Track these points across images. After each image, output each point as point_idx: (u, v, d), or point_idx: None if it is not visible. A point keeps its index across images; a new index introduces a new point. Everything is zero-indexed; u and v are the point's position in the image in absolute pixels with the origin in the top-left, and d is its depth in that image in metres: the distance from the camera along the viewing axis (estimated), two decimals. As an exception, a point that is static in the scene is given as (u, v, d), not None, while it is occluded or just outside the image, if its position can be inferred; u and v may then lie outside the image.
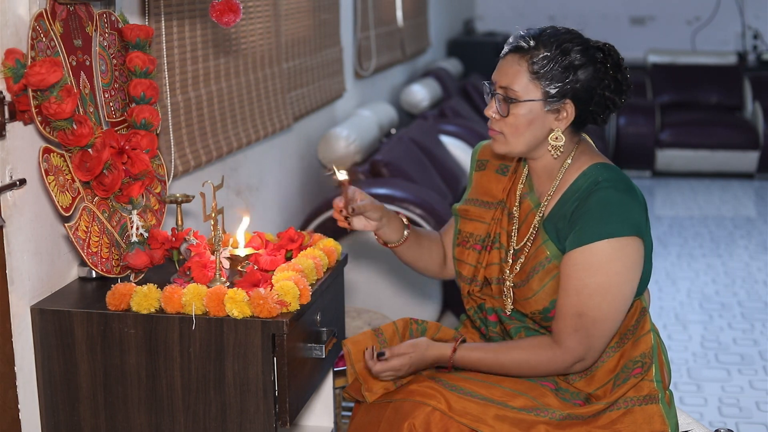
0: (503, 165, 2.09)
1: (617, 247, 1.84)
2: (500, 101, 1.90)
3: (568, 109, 1.89)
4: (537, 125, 1.90)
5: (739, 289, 4.65)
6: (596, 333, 1.86)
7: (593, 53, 1.89)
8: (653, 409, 1.89)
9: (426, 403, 1.86)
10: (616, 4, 8.06)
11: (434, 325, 2.16)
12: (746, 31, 7.81)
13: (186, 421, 1.84)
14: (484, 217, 2.08)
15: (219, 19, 2.03)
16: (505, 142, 1.93)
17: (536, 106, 1.88)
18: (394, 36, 5.49)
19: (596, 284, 1.84)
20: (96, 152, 1.92)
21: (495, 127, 1.93)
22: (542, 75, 1.87)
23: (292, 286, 1.82)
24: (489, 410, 1.84)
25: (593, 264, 1.84)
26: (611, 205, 1.85)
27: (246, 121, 3.14)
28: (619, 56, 1.92)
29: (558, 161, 1.95)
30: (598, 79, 1.89)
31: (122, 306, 1.83)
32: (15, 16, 1.81)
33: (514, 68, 1.89)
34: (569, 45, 1.88)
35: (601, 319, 1.85)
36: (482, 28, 8.32)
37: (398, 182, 3.85)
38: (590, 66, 1.88)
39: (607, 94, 1.90)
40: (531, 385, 1.92)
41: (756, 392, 3.51)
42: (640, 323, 1.96)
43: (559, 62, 1.86)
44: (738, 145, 6.87)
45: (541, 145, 1.93)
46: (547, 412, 1.85)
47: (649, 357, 1.93)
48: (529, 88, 1.88)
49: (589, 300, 1.84)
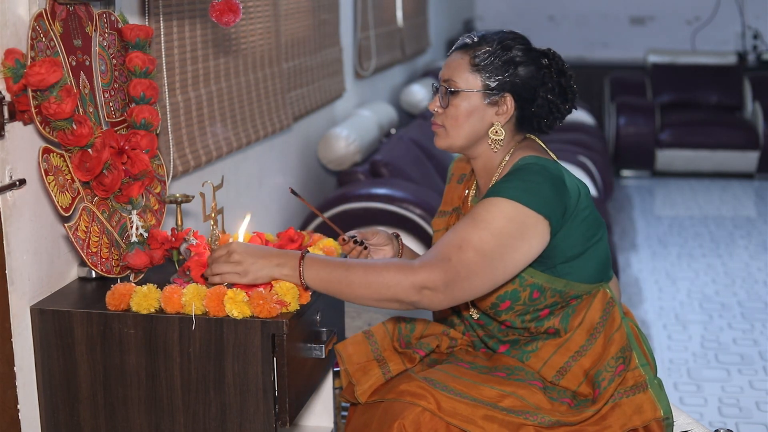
0: (463, 174, 2.14)
1: (518, 211, 1.81)
2: (442, 93, 1.96)
3: (508, 103, 1.93)
4: (476, 117, 1.93)
5: (739, 289, 4.65)
6: (461, 272, 1.79)
7: (536, 56, 1.95)
8: (641, 398, 1.90)
9: (416, 404, 1.86)
10: (616, 4, 8.06)
11: (423, 321, 2.18)
12: (746, 31, 7.81)
13: (186, 421, 1.84)
14: (442, 225, 2.14)
15: (219, 19, 2.03)
16: (446, 135, 1.97)
17: (476, 97, 1.92)
18: (394, 36, 5.49)
19: (488, 230, 1.80)
20: (96, 152, 1.92)
21: (437, 120, 1.98)
22: (482, 67, 1.92)
23: (292, 286, 1.82)
24: (478, 411, 1.85)
25: (492, 213, 1.81)
26: (526, 177, 1.85)
27: (246, 121, 3.14)
28: (563, 63, 1.97)
29: (497, 156, 1.97)
30: (540, 80, 1.93)
31: (122, 306, 1.83)
32: (15, 16, 1.81)
33: (456, 62, 1.95)
34: (511, 42, 1.94)
35: (473, 263, 1.79)
36: (482, 28, 8.32)
37: (398, 182, 3.85)
38: (531, 65, 1.93)
39: (550, 97, 1.94)
40: (520, 385, 1.92)
41: (756, 392, 3.51)
42: (610, 316, 1.95)
43: (499, 56, 1.92)
44: (738, 145, 6.87)
45: (482, 141, 1.96)
46: (536, 416, 1.85)
47: (628, 349, 1.93)
48: (470, 80, 1.93)
49: (475, 239, 1.80)
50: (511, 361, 2.01)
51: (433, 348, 2.08)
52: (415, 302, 1.80)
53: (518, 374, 1.96)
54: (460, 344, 2.13)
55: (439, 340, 2.10)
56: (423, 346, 2.08)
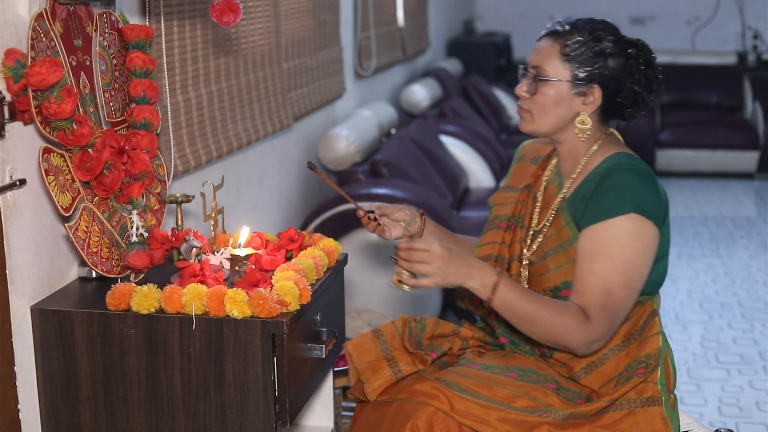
0: (537, 156, 2.14)
1: (638, 227, 1.86)
2: (530, 80, 1.97)
3: (596, 94, 1.95)
4: (563, 106, 1.95)
5: (739, 289, 4.65)
6: (618, 314, 1.86)
7: (625, 46, 1.96)
8: (656, 411, 1.90)
9: (429, 404, 1.86)
10: (616, 4, 8.06)
11: (433, 320, 2.16)
12: (746, 31, 7.81)
13: (186, 421, 1.84)
14: (509, 200, 2.12)
15: (219, 19, 2.03)
16: (532, 120, 1.98)
17: (564, 86, 1.94)
18: (394, 36, 5.49)
19: (623, 262, 1.84)
20: (96, 152, 1.92)
21: (523, 105, 1.99)
22: (572, 57, 1.93)
23: (292, 286, 1.82)
24: (492, 412, 1.85)
25: (619, 239, 1.85)
26: (635, 185, 1.88)
27: (246, 121, 3.14)
28: (651, 53, 1.98)
29: (584, 145, 1.99)
30: (627, 71, 1.95)
31: (122, 306, 1.83)
32: (15, 16, 1.81)
33: (546, 49, 1.96)
34: (602, 33, 1.95)
35: (625, 299, 1.86)
36: (482, 28, 8.32)
37: (398, 182, 3.85)
38: (621, 57, 1.94)
39: (636, 88, 1.96)
40: (533, 386, 1.92)
41: (756, 392, 3.51)
42: (649, 324, 1.96)
43: (590, 47, 1.93)
44: (738, 145, 6.87)
45: (567, 127, 1.98)
46: (550, 412, 1.85)
47: (654, 359, 1.93)
48: (559, 69, 1.94)
49: (617, 277, 1.84)
50: (524, 362, 2.01)
51: (445, 351, 2.08)
52: (583, 353, 1.90)
53: (531, 376, 1.96)
54: (472, 345, 2.12)
55: (450, 342, 2.09)
56: (435, 348, 2.08)
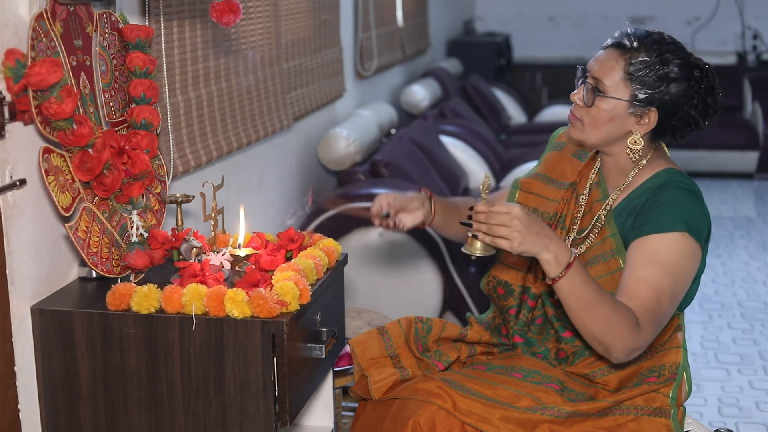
0: (581, 151, 2.10)
1: (689, 245, 1.86)
2: (588, 90, 1.92)
3: (651, 117, 1.91)
4: (617, 123, 1.92)
5: (739, 289, 4.65)
6: (662, 324, 1.85)
7: (690, 70, 1.91)
8: (662, 422, 1.89)
9: (431, 402, 1.86)
10: (616, 4, 8.07)
11: (439, 322, 2.16)
12: (746, 31, 7.81)
13: (186, 421, 1.84)
14: (551, 195, 2.08)
15: (219, 19, 2.03)
16: (582, 130, 1.95)
17: (621, 105, 1.90)
18: (394, 36, 5.49)
19: (675, 275, 1.83)
20: (96, 152, 1.92)
21: (576, 113, 1.95)
22: (636, 78, 1.88)
23: (292, 286, 1.82)
24: (494, 411, 1.85)
25: (673, 253, 1.84)
26: (687, 205, 1.87)
27: (246, 121, 3.14)
28: (715, 79, 1.94)
29: (632, 161, 1.97)
30: (688, 96, 1.90)
31: (122, 306, 1.83)
32: (15, 16, 1.81)
33: (610, 63, 1.91)
34: (670, 56, 1.89)
35: (668, 312, 1.84)
36: (482, 28, 8.32)
37: (398, 182, 3.85)
38: (684, 82, 1.89)
39: (692, 113, 1.92)
40: (536, 387, 1.92)
41: (756, 392, 3.51)
42: (671, 338, 1.96)
43: (655, 70, 1.88)
44: (738, 145, 6.87)
45: (617, 143, 1.95)
46: (552, 410, 1.85)
47: (670, 371, 1.93)
48: (619, 87, 1.89)
49: (668, 288, 1.82)
50: (528, 363, 2.01)
51: (452, 360, 2.07)
52: (619, 359, 1.81)
53: (535, 377, 1.96)
54: (479, 352, 2.12)
55: (458, 350, 2.09)
56: (442, 358, 2.07)
